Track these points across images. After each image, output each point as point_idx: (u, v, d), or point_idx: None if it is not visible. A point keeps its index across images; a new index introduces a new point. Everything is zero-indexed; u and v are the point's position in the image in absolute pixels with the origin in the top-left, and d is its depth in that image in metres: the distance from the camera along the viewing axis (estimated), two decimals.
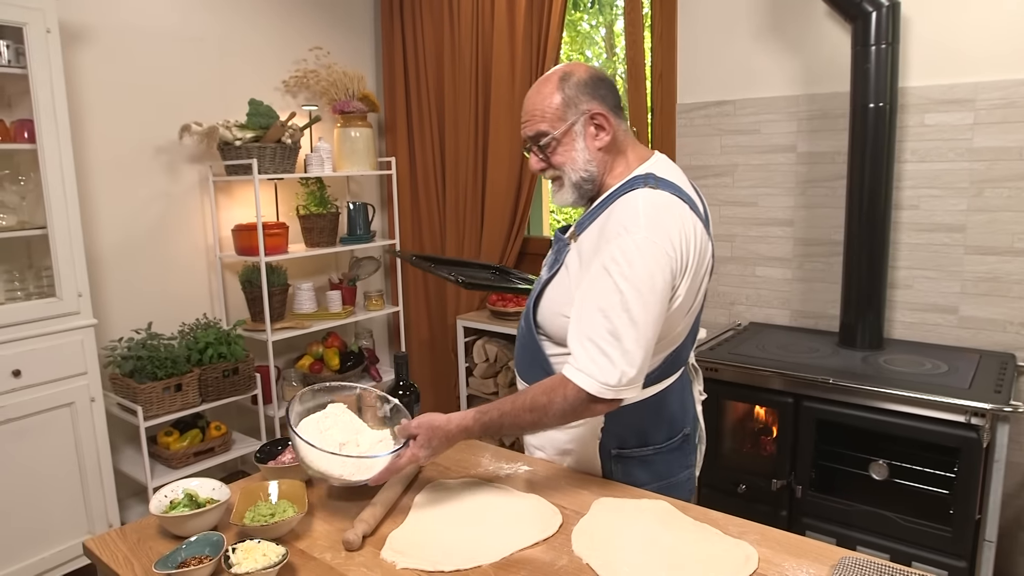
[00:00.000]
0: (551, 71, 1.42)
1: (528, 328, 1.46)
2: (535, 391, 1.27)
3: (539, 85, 1.40)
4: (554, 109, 1.36)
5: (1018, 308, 2.33)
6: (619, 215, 1.30)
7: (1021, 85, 2.24)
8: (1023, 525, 2.40)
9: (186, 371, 2.65)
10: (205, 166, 3.02)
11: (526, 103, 1.40)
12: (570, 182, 1.40)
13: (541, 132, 1.37)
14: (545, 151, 1.39)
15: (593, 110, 1.36)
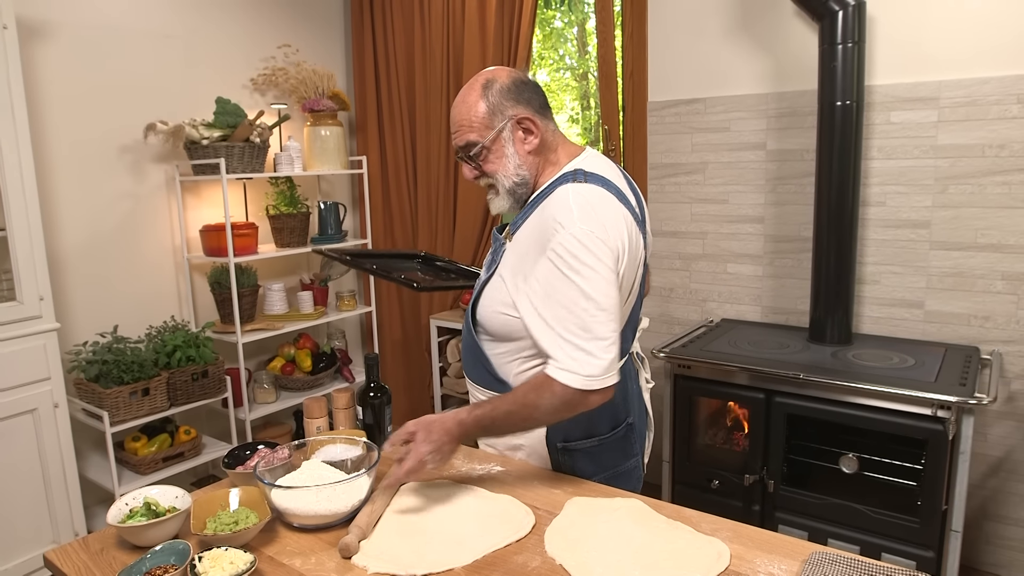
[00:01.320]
0: (473, 80, 1.42)
1: (468, 328, 1.48)
2: (523, 389, 1.30)
3: (463, 95, 1.40)
4: (480, 118, 1.37)
5: (982, 302, 2.38)
6: (552, 211, 1.31)
7: (983, 84, 2.28)
8: (988, 515, 2.45)
9: (154, 375, 2.60)
10: (171, 165, 2.96)
11: (453, 114, 1.41)
12: (504, 189, 1.41)
13: (471, 142, 1.39)
14: (477, 160, 1.40)
15: (519, 115, 1.38)
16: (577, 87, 6.15)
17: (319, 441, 1.45)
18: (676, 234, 2.97)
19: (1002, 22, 2.24)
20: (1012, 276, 2.31)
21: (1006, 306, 2.34)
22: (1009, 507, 2.42)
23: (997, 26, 2.25)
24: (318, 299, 3.34)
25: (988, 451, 2.42)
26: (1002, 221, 2.31)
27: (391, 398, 1.62)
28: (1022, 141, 2.24)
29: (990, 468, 2.43)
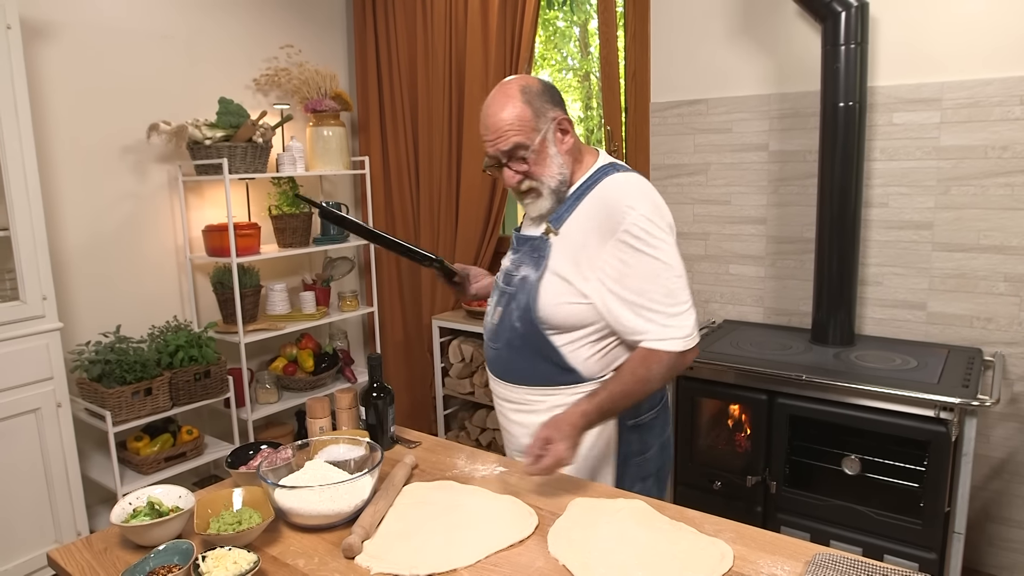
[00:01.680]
0: (503, 87, 1.46)
1: (529, 328, 1.47)
2: (630, 367, 1.40)
3: (501, 101, 1.43)
4: (526, 121, 1.41)
5: (984, 304, 2.37)
6: (613, 198, 1.41)
7: (985, 85, 2.28)
8: (991, 517, 2.45)
9: (156, 375, 2.60)
10: (174, 166, 2.97)
11: (490, 121, 1.43)
12: (549, 189, 1.46)
13: (519, 144, 1.41)
14: (524, 163, 1.43)
15: (558, 116, 1.45)
16: (579, 88, 6.15)
17: (322, 441, 1.45)
18: (679, 235, 2.93)
19: (1004, 24, 2.23)
20: (1015, 278, 2.31)
21: (1009, 308, 2.34)
22: (1012, 509, 2.41)
23: (999, 28, 2.24)
24: (320, 299, 3.34)
25: (991, 453, 2.41)
26: (1005, 222, 2.31)
27: (394, 398, 1.63)
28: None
29: (992, 470, 2.42)
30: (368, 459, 1.39)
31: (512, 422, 1.59)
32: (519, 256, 1.55)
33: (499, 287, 1.59)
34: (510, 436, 1.62)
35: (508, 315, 1.52)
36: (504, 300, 1.54)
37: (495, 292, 1.62)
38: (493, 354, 1.58)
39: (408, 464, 1.47)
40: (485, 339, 1.63)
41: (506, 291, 1.54)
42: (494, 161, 1.47)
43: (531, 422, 1.49)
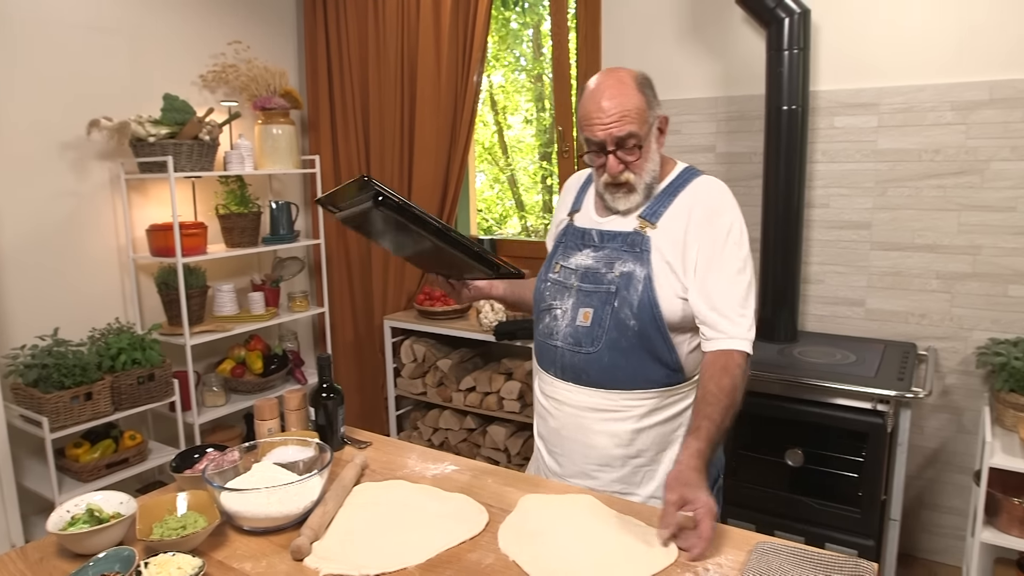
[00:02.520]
0: (617, 73, 1.41)
1: (647, 327, 1.40)
2: (717, 381, 1.33)
3: (617, 87, 1.38)
4: (641, 111, 1.39)
5: (918, 300, 2.47)
6: (712, 198, 1.44)
7: (919, 91, 2.38)
8: (924, 504, 2.56)
9: (97, 379, 2.52)
10: (116, 163, 2.88)
11: (610, 103, 1.37)
12: (643, 185, 1.44)
13: (633, 133, 1.38)
14: (630, 153, 1.40)
15: (663, 115, 1.45)
16: (532, 89, 6.18)
17: (270, 443, 1.43)
18: None
19: (936, 34, 2.33)
20: (946, 275, 2.41)
21: (940, 304, 2.44)
22: (944, 496, 2.52)
23: (932, 37, 2.34)
24: (269, 300, 3.28)
25: (924, 443, 2.52)
26: (937, 223, 2.41)
27: (344, 399, 1.61)
28: (955, 146, 2.35)
29: (926, 459, 2.53)
30: (317, 460, 1.37)
31: (597, 432, 1.46)
32: (607, 252, 1.46)
33: (573, 286, 1.48)
34: (589, 449, 1.47)
35: (614, 314, 1.42)
36: (598, 299, 1.44)
37: (564, 292, 1.50)
38: (581, 359, 1.44)
39: (358, 464, 1.46)
40: (559, 345, 1.48)
41: (598, 290, 1.44)
42: (597, 147, 1.41)
43: (622, 431, 1.43)
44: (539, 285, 1.59)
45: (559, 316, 1.50)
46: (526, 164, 6.34)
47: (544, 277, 1.58)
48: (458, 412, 3.22)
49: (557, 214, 1.68)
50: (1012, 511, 1.99)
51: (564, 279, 1.52)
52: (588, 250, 1.50)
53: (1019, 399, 2.06)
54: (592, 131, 1.40)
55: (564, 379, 1.49)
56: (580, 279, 1.48)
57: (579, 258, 1.51)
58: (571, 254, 1.53)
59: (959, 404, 2.45)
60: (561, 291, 1.51)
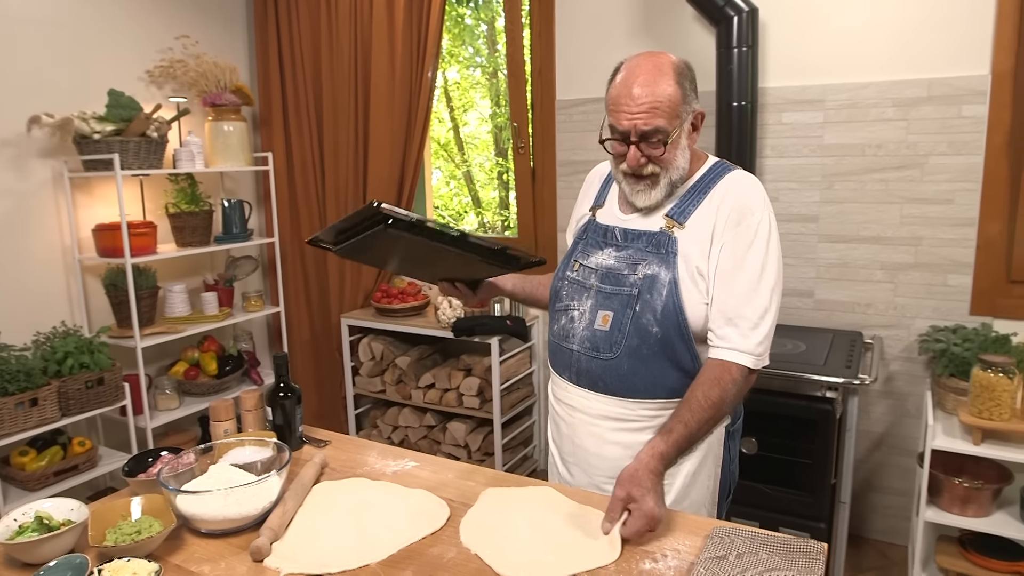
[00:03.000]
0: (658, 60, 1.30)
1: (670, 333, 1.33)
2: (703, 390, 1.27)
3: (653, 75, 1.28)
4: (673, 105, 1.28)
5: (864, 291, 2.56)
6: (745, 195, 1.33)
7: (862, 88, 2.45)
8: (872, 486, 2.65)
9: (43, 384, 2.44)
10: (59, 161, 2.78)
11: (640, 91, 1.27)
12: (668, 181, 1.34)
13: (660, 128, 1.28)
14: (655, 148, 1.30)
15: (699, 110, 1.35)
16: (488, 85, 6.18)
17: (227, 444, 1.41)
18: None
19: (878, 33, 2.41)
20: (890, 266, 2.50)
21: (885, 294, 2.53)
22: (890, 479, 2.62)
23: (874, 36, 2.42)
24: (223, 300, 3.22)
25: (871, 428, 2.61)
26: (880, 215, 2.49)
27: (301, 398, 1.60)
28: (896, 141, 2.43)
29: (872, 443, 2.62)
30: (276, 460, 1.36)
31: (609, 443, 1.40)
32: (631, 252, 1.38)
33: (592, 287, 1.40)
34: (601, 460, 1.41)
35: (635, 319, 1.33)
36: (619, 302, 1.35)
37: (582, 292, 1.42)
38: (599, 365, 1.37)
39: (317, 463, 1.45)
40: (575, 348, 1.40)
41: (620, 292, 1.36)
42: (620, 136, 1.31)
43: (637, 442, 1.31)
44: (555, 283, 1.50)
45: (576, 318, 1.41)
46: (482, 160, 6.34)
47: (561, 275, 1.49)
48: (417, 409, 3.21)
49: (578, 208, 1.59)
50: (953, 490, 2.08)
51: (583, 279, 1.43)
52: (610, 249, 1.41)
53: (959, 383, 2.15)
54: (618, 118, 1.30)
55: (579, 385, 1.41)
56: (600, 280, 1.40)
57: (600, 257, 1.42)
58: (592, 252, 1.44)
59: (903, 390, 2.54)
60: (579, 291, 1.42)
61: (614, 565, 1.10)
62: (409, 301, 3.17)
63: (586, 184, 1.61)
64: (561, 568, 1.10)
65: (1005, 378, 1.95)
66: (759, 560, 1.09)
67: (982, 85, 2.29)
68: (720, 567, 1.06)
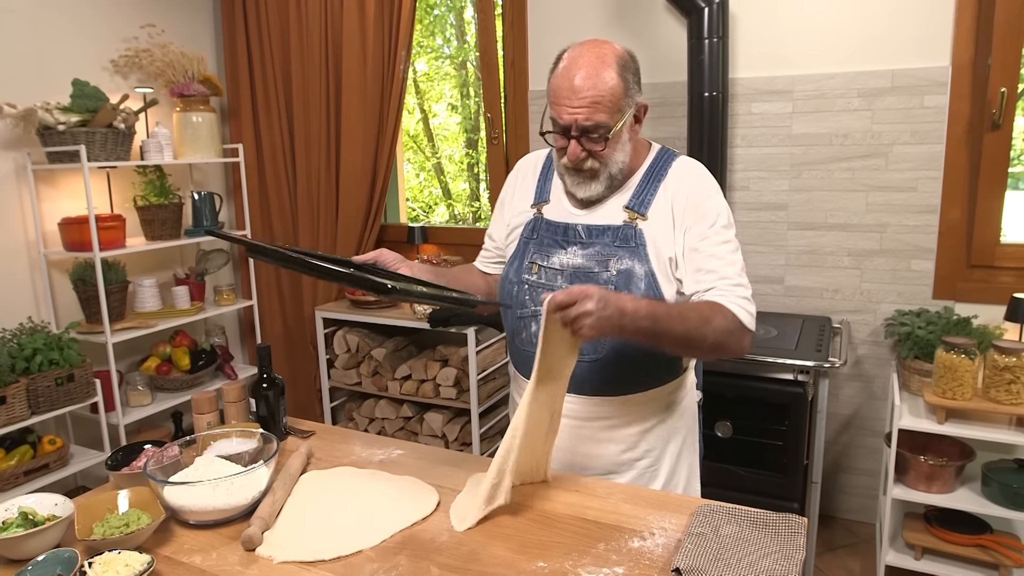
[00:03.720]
0: (601, 51, 1.26)
1: None
2: (697, 306, 1.25)
3: (596, 67, 1.24)
4: (615, 99, 1.25)
5: (831, 277, 2.63)
6: (696, 181, 1.36)
7: (829, 79, 2.51)
8: (841, 467, 2.73)
9: (10, 381, 2.38)
10: (22, 153, 2.71)
11: (582, 84, 1.24)
12: (608, 175, 1.33)
13: (601, 124, 1.25)
14: (596, 143, 1.28)
15: (641, 103, 1.32)
16: (456, 76, 6.16)
17: (211, 436, 1.40)
18: None
19: (844, 24, 2.47)
20: (856, 252, 2.57)
21: (852, 279, 2.60)
22: (858, 459, 2.70)
23: (840, 28, 2.48)
24: (194, 294, 3.18)
25: (839, 410, 2.69)
26: (847, 203, 2.56)
27: (284, 388, 1.59)
28: (862, 131, 2.50)
29: (842, 425, 2.70)
30: (263, 451, 1.36)
31: (602, 441, 1.39)
32: (599, 249, 1.35)
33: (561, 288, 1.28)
34: (591, 459, 1.40)
35: None
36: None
37: None
38: (583, 368, 1.33)
39: (304, 453, 1.45)
40: None
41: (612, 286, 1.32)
42: (561, 129, 1.29)
43: (630, 434, 1.37)
44: (509, 288, 1.43)
45: None
46: (451, 152, 6.33)
47: (516, 278, 1.42)
48: (394, 401, 3.21)
49: (514, 204, 1.51)
50: (919, 468, 2.15)
51: (548, 280, 1.38)
52: (575, 247, 1.37)
53: (923, 365, 2.23)
54: (559, 111, 1.28)
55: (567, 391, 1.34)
56: (569, 280, 1.35)
57: (564, 257, 1.38)
58: (551, 252, 1.39)
59: (870, 372, 2.62)
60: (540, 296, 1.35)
61: (603, 543, 1.12)
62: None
63: (517, 177, 1.54)
64: None
65: (967, 359, 2.03)
66: (744, 535, 1.12)
67: (943, 76, 2.36)
68: (707, 543, 1.09)
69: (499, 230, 1.56)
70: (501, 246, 1.57)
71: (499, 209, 1.57)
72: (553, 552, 1.11)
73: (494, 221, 1.59)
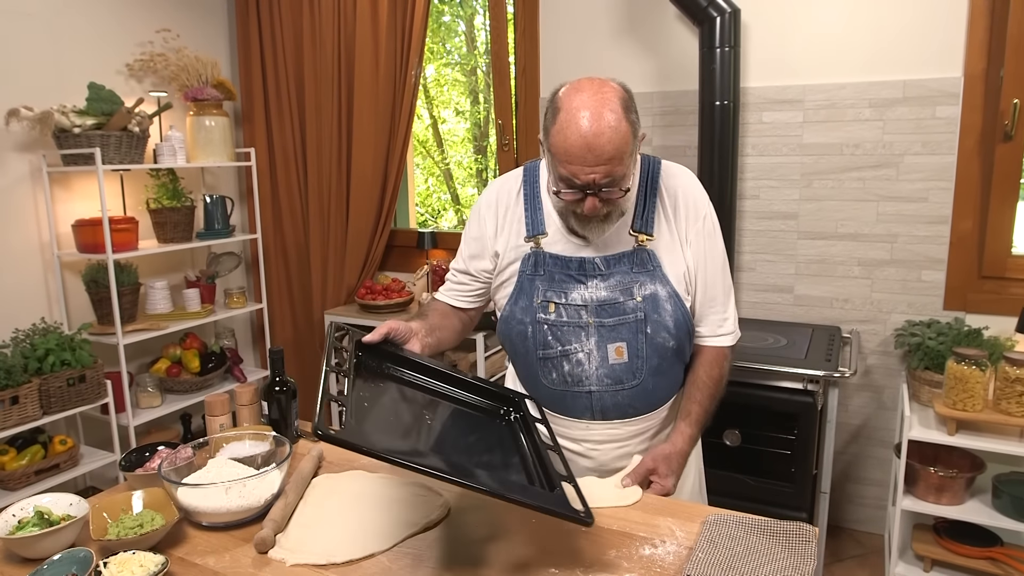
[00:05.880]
0: (604, 96, 1.20)
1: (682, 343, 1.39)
2: (707, 370, 1.41)
3: (602, 115, 1.18)
4: (627, 145, 1.21)
5: (841, 286, 2.63)
6: (687, 189, 1.40)
7: (840, 88, 2.52)
8: (850, 477, 2.72)
9: (23, 381, 2.41)
10: (37, 155, 2.74)
11: (596, 141, 1.17)
12: (619, 213, 1.31)
13: (619, 177, 1.22)
14: (616, 193, 1.25)
15: (642, 135, 1.30)
16: (465, 82, 6.19)
17: (224, 438, 1.41)
18: None
19: (855, 35, 2.48)
20: (866, 262, 2.57)
21: (862, 289, 2.60)
22: (867, 469, 2.69)
23: (851, 38, 2.48)
24: (205, 297, 3.20)
25: (848, 420, 2.68)
26: (858, 213, 2.56)
27: (296, 392, 1.60)
28: (873, 141, 2.50)
29: (851, 435, 2.69)
30: (275, 453, 1.37)
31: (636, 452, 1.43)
32: (620, 279, 1.35)
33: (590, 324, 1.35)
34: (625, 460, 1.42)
35: (650, 341, 1.35)
36: (627, 331, 1.35)
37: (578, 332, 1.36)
38: (625, 396, 1.38)
39: (315, 456, 1.46)
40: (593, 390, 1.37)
41: (624, 321, 1.34)
42: (576, 187, 1.23)
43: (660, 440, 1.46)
44: (520, 328, 1.40)
45: (584, 360, 1.36)
46: (460, 158, 6.35)
47: (527, 319, 1.39)
48: None
49: (500, 239, 1.44)
50: (928, 479, 2.15)
51: (571, 318, 1.36)
52: (596, 280, 1.35)
53: (933, 376, 2.22)
54: (573, 171, 1.21)
55: (605, 420, 1.40)
56: (596, 314, 1.35)
57: (586, 291, 1.36)
58: (568, 287, 1.36)
59: (879, 382, 2.61)
60: (575, 332, 1.36)
61: (615, 551, 1.13)
62: (393, 297, 3.17)
63: (498, 207, 1.45)
64: None
65: (978, 370, 2.02)
66: (754, 544, 1.13)
67: (955, 87, 2.36)
68: (717, 551, 1.10)
69: (481, 264, 1.48)
70: (482, 282, 1.51)
71: (478, 243, 1.47)
72: (564, 559, 1.11)
73: (472, 255, 1.49)
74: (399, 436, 1.15)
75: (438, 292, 1.60)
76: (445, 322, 1.50)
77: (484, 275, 1.49)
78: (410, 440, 1.16)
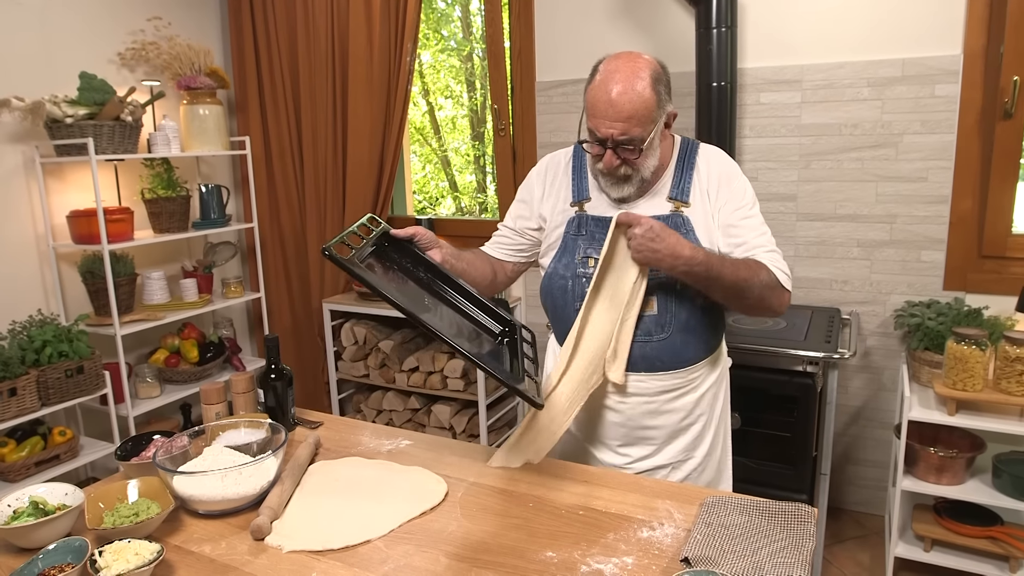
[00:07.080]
0: (635, 65, 1.36)
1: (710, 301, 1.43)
2: (745, 259, 1.38)
3: (630, 82, 1.33)
4: (648, 112, 1.33)
5: (840, 268, 2.61)
6: (724, 165, 1.47)
7: (839, 68, 2.49)
8: (849, 459, 2.72)
9: (21, 373, 2.40)
10: (30, 146, 2.72)
11: (618, 99, 1.32)
12: (640, 179, 1.41)
13: (635, 137, 1.34)
14: (631, 152, 1.36)
15: (671, 111, 1.41)
16: (461, 68, 6.14)
17: (220, 427, 1.41)
18: None
19: (853, 13, 2.45)
20: (866, 243, 2.56)
21: (861, 270, 2.58)
22: (867, 451, 2.69)
23: (849, 16, 2.46)
24: (202, 286, 3.18)
25: (848, 402, 2.67)
26: (857, 194, 2.54)
27: (292, 380, 1.59)
28: (872, 121, 2.48)
29: (851, 417, 2.69)
30: (271, 441, 1.36)
31: (666, 412, 1.48)
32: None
33: None
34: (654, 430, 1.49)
35: (679, 295, 1.42)
36: (657, 285, 1.42)
37: None
38: (653, 347, 1.44)
39: (312, 443, 1.46)
40: None
41: (657, 276, 1.40)
42: (597, 139, 1.38)
43: (689, 402, 1.49)
44: (560, 283, 1.50)
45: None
46: (457, 144, 6.32)
47: (568, 274, 1.49)
48: (402, 393, 3.22)
49: (547, 202, 1.58)
50: (928, 459, 2.14)
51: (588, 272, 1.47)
52: None
53: (933, 356, 2.21)
54: (596, 124, 1.36)
55: (635, 371, 1.45)
56: None
57: None
58: None
59: (879, 364, 2.61)
60: None
61: (613, 533, 1.12)
62: None
63: (547, 175, 1.60)
64: None
65: (978, 350, 2.01)
66: (753, 525, 1.12)
67: (954, 65, 2.34)
68: (716, 533, 1.09)
69: (527, 223, 1.62)
70: (526, 239, 1.63)
71: (526, 205, 1.62)
72: (562, 542, 1.11)
73: (518, 215, 1.64)
74: (398, 295, 1.23)
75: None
76: (476, 260, 1.60)
77: (527, 232, 1.62)
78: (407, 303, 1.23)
